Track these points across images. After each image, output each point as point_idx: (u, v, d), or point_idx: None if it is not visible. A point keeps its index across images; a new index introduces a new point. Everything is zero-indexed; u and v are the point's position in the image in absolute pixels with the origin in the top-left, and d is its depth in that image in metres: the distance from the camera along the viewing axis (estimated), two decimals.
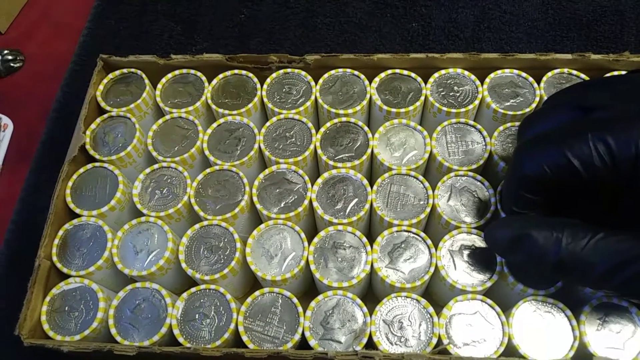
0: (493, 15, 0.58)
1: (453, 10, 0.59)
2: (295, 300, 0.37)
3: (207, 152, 0.42)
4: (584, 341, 0.35)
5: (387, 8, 0.60)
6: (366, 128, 0.43)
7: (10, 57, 0.61)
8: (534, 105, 0.43)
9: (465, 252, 0.38)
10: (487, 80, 0.44)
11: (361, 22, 0.59)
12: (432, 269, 0.38)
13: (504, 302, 0.37)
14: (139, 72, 0.46)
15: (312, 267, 0.38)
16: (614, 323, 0.36)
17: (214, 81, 0.46)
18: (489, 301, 0.37)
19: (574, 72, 0.44)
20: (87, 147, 0.43)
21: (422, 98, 0.43)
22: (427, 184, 0.40)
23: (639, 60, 0.44)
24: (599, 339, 0.35)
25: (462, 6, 0.59)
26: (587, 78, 0.44)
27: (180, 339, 0.36)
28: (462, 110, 0.43)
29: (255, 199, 0.41)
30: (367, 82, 0.44)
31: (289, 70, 0.45)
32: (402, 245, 0.39)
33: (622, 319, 0.36)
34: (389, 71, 0.45)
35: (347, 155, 0.42)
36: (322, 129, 0.43)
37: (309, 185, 0.41)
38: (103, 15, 0.62)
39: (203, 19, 0.61)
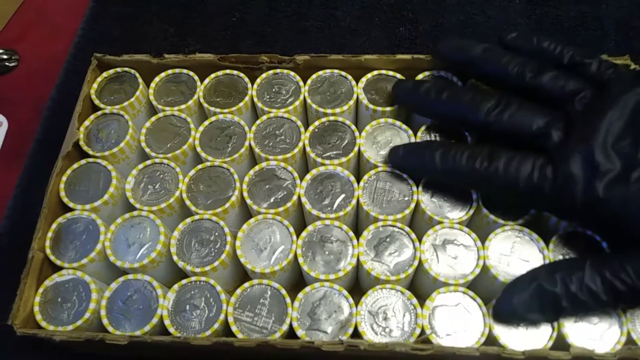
0: (478, 20, 0.60)
1: (439, 15, 0.61)
2: (283, 291, 0.38)
3: (198, 149, 0.44)
4: (562, 332, 0.36)
5: (376, 13, 0.61)
6: (353, 127, 0.44)
7: (5, 57, 0.62)
8: None
9: (448, 246, 0.40)
10: (470, 81, 0.45)
11: (350, 26, 0.61)
12: (416, 262, 0.39)
13: (485, 294, 0.38)
14: (132, 71, 0.47)
15: (300, 260, 0.39)
16: (591, 315, 0.37)
17: (206, 80, 0.47)
18: (471, 293, 0.38)
19: None
20: (81, 143, 0.44)
21: None
22: (411, 181, 0.41)
23: (618, 64, 0.45)
24: (577, 330, 0.36)
25: (448, 11, 0.61)
26: None
27: (171, 329, 0.37)
28: None
29: (245, 194, 0.42)
30: (354, 83, 0.46)
31: (278, 70, 0.47)
32: (388, 240, 0.40)
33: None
34: (375, 72, 0.46)
35: (334, 152, 0.43)
36: (311, 128, 0.44)
37: (298, 181, 0.42)
38: (98, 16, 0.63)
39: (196, 21, 0.62)
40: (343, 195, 0.41)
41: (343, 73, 0.46)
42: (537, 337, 0.37)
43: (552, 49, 0.41)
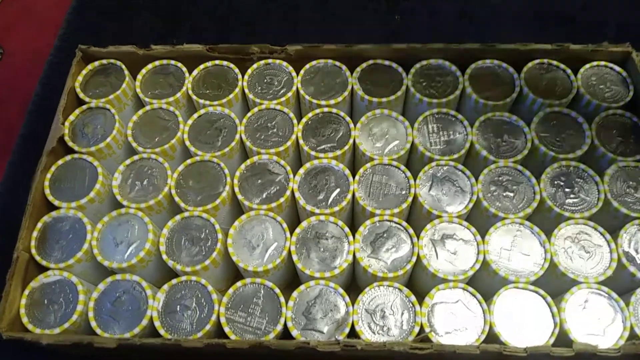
0: (475, 8, 0.58)
1: (435, 3, 0.59)
2: (277, 290, 0.37)
3: (187, 143, 0.42)
4: (565, 328, 0.35)
5: (369, 2, 0.60)
6: (348, 118, 0.43)
7: None
8: (514, 95, 0.43)
9: (447, 241, 0.38)
10: (468, 70, 0.44)
11: (343, 16, 0.59)
12: (414, 259, 0.38)
13: (485, 290, 0.37)
14: (118, 63, 0.46)
15: (294, 257, 0.38)
16: (594, 310, 0.36)
17: (195, 72, 0.45)
18: (471, 289, 0.37)
19: (554, 62, 0.45)
20: (66, 138, 0.43)
21: (404, 88, 0.43)
22: (408, 174, 0.40)
23: (618, 51, 0.44)
24: (580, 326, 0.36)
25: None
26: (566, 68, 0.45)
27: (161, 331, 0.36)
28: (444, 100, 0.43)
29: (236, 189, 0.40)
30: (348, 73, 0.44)
31: (270, 61, 0.45)
32: (384, 235, 0.39)
33: (603, 305, 0.36)
34: (371, 61, 0.45)
35: (329, 145, 0.42)
36: (304, 120, 0.43)
37: (291, 175, 0.41)
38: (83, 9, 0.62)
39: (185, 12, 0.61)
40: (338, 190, 0.40)
41: (337, 63, 0.45)
42: (539, 333, 0.36)
43: None
